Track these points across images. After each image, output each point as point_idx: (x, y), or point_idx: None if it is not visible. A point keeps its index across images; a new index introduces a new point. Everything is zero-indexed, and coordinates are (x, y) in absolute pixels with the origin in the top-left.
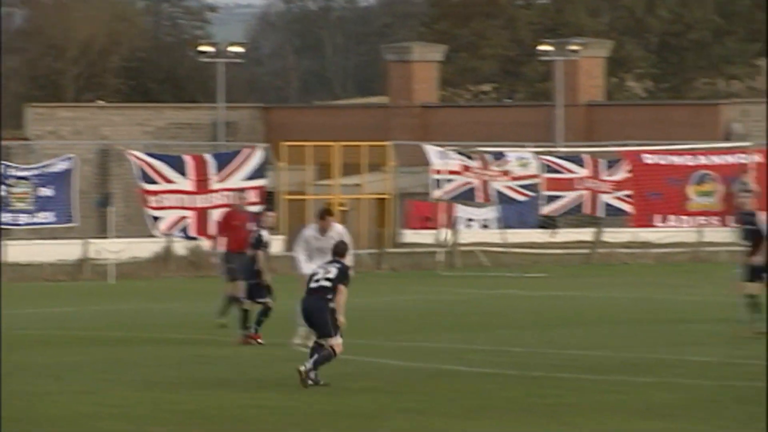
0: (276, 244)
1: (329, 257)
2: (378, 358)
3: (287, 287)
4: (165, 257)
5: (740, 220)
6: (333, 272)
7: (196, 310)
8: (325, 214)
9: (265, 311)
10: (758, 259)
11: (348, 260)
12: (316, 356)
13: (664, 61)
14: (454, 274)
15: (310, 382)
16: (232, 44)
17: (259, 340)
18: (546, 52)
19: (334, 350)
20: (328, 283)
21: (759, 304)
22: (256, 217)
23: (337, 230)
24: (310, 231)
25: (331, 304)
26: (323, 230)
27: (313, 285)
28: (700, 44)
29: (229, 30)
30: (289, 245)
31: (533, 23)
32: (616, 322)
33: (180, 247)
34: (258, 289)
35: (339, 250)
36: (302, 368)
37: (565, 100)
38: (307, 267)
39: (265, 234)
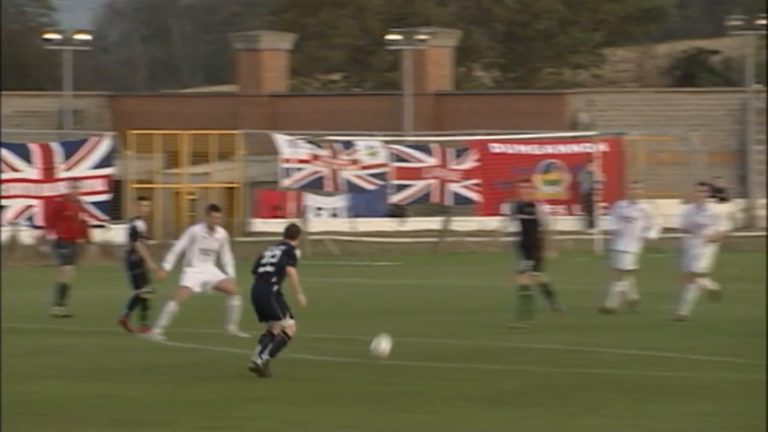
0: (121, 234)
1: (210, 261)
2: (227, 347)
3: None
4: (11, 246)
5: (516, 210)
6: (277, 255)
7: (42, 300)
8: (210, 209)
9: (144, 302)
10: (552, 255)
11: (296, 242)
12: (270, 346)
13: (510, 51)
14: (304, 262)
15: (265, 371)
16: (79, 32)
17: (147, 330)
18: (394, 42)
19: (286, 333)
20: (270, 268)
21: (530, 296)
22: (89, 206)
23: (222, 233)
24: (198, 228)
25: (275, 287)
26: (210, 228)
27: (259, 270)
28: (545, 34)
29: (76, 18)
30: None
31: (382, 13)
32: (464, 310)
33: (26, 236)
34: (143, 279)
35: (289, 232)
36: (258, 361)
37: (413, 90)
38: (171, 263)
39: (139, 224)
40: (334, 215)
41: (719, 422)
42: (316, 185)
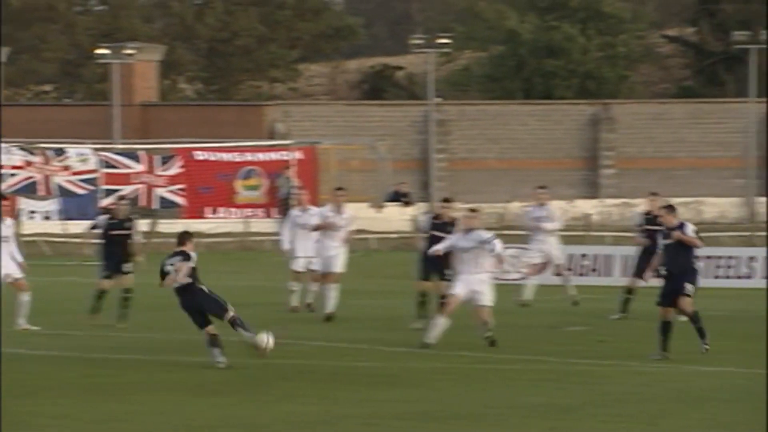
0: None
1: (6, 248)
2: None
3: None
4: None
5: (107, 225)
6: (177, 265)
7: None
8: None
9: None
10: (142, 260)
11: (190, 247)
12: (242, 329)
13: (212, 65)
14: None
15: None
16: None
17: None
18: (103, 56)
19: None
20: (189, 279)
21: (127, 298)
22: None
23: (10, 221)
24: None
25: (200, 287)
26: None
27: (177, 286)
28: (245, 50)
29: None
30: None
31: (91, 28)
32: (171, 307)
33: None
34: None
35: (180, 239)
36: (220, 360)
37: (121, 101)
38: None
39: None
40: (47, 218)
41: (404, 407)
42: (29, 190)
